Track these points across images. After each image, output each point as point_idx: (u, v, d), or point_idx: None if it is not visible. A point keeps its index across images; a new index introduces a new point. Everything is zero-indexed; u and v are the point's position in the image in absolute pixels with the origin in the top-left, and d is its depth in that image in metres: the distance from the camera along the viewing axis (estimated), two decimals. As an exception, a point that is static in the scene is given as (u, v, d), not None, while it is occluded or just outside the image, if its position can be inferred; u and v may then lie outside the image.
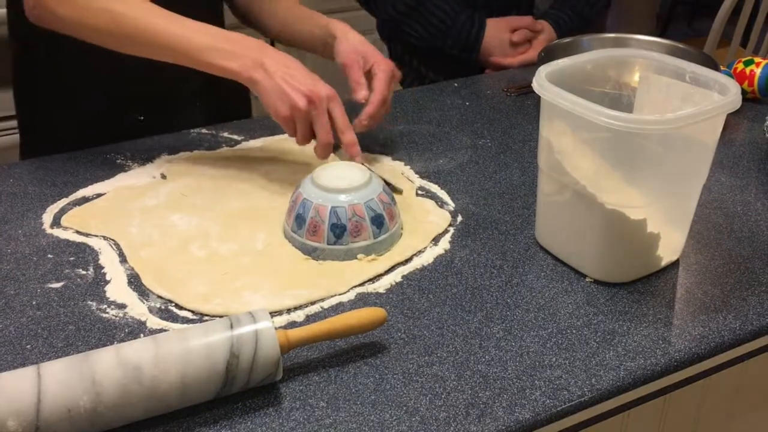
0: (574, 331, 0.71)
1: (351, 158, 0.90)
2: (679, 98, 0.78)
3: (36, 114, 1.13)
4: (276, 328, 0.63)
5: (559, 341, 0.69)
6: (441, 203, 0.91)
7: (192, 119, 1.12)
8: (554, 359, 0.67)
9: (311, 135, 0.89)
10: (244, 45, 0.87)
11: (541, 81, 0.74)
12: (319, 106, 0.86)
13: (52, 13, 0.90)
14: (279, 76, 0.86)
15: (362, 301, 0.75)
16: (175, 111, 1.13)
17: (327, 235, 0.80)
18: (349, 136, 0.90)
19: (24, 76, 1.11)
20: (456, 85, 1.26)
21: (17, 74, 1.12)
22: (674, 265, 0.81)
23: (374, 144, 1.05)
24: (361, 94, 0.96)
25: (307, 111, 0.86)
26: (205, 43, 0.86)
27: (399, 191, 0.92)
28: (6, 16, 1.07)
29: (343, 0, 0.96)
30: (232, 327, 0.62)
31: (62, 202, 0.91)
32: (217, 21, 1.17)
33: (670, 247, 0.79)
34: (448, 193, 0.94)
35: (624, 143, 0.70)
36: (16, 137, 1.15)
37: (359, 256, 0.80)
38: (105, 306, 0.74)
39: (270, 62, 0.86)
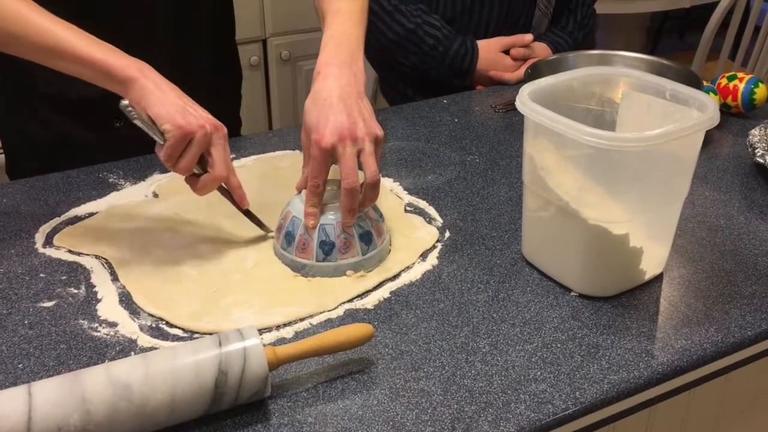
0: (558, 345, 0.72)
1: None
2: (659, 115, 0.79)
3: (15, 123, 1.11)
4: (264, 345, 0.63)
5: (544, 355, 0.70)
6: (429, 219, 0.92)
7: None
8: (539, 373, 0.68)
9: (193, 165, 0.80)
10: (134, 58, 0.81)
11: (523, 99, 0.76)
12: (215, 133, 0.80)
13: None
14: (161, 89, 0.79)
15: (351, 317, 0.76)
16: None
17: (316, 252, 0.81)
18: (233, 180, 0.84)
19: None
20: (445, 101, 1.27)
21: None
22: (658, 278, 0.82)
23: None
24: (310, 222, 0.81)
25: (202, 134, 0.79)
26: (92, 42, 0.80)
27: (268, 230, 0.88)
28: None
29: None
30: (220, 344, 0.63)
31: (54, 222, 0.91)
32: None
33: (654, 260, 0.80)
34: (436, 209, 0.95)
35: (605, 160, 0.72)
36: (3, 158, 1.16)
37: (348, 272, 0.81)
38: (96, 324, 0.74)
39: (153, 75, 0.80)
